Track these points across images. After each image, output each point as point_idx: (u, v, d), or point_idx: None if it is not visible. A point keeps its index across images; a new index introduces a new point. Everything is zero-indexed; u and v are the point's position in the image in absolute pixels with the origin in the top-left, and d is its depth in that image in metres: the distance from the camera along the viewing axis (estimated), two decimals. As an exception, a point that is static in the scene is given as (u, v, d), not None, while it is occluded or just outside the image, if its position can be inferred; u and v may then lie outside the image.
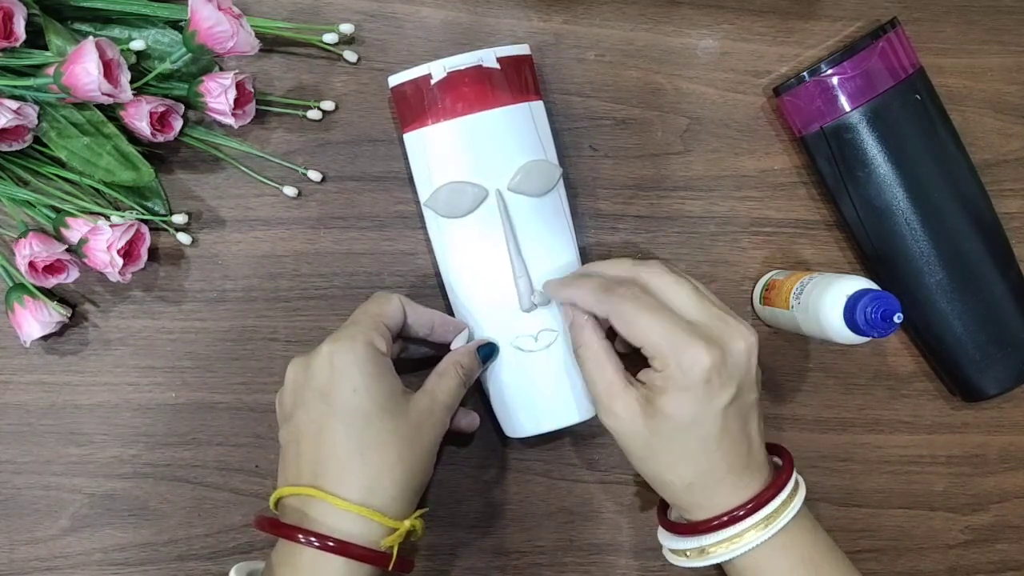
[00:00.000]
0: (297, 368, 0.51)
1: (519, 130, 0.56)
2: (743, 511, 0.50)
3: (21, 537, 0.59)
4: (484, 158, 0.55)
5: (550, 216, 0.57)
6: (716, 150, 0.64)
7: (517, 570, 0.62)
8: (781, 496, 0.51)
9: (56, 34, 0.54)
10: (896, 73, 0.60)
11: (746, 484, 0.51)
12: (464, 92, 0.55)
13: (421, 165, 0.57)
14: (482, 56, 0.55)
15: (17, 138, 0.54)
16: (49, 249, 0.55)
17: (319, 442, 0.49)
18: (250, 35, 0.54)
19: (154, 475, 0.60)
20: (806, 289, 0.57)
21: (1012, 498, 0.67)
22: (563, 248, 0.58)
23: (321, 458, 0.48)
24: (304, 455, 0.49)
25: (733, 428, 0.50)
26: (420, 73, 0.55)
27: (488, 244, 0.56)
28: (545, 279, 0.56)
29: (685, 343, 0.48)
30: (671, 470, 0.51)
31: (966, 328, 0.62)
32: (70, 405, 0.60)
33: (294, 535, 0.47)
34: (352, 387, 0.48)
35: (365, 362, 0.49)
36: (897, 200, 0.60)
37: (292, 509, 0.49)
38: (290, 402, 0.51)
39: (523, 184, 0.55)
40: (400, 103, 0.57)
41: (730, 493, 0.51)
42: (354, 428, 0.48)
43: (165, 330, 0.60)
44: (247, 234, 0.60)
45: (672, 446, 0.50)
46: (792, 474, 0.52)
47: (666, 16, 0.63)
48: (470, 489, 0.62)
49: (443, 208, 0.56)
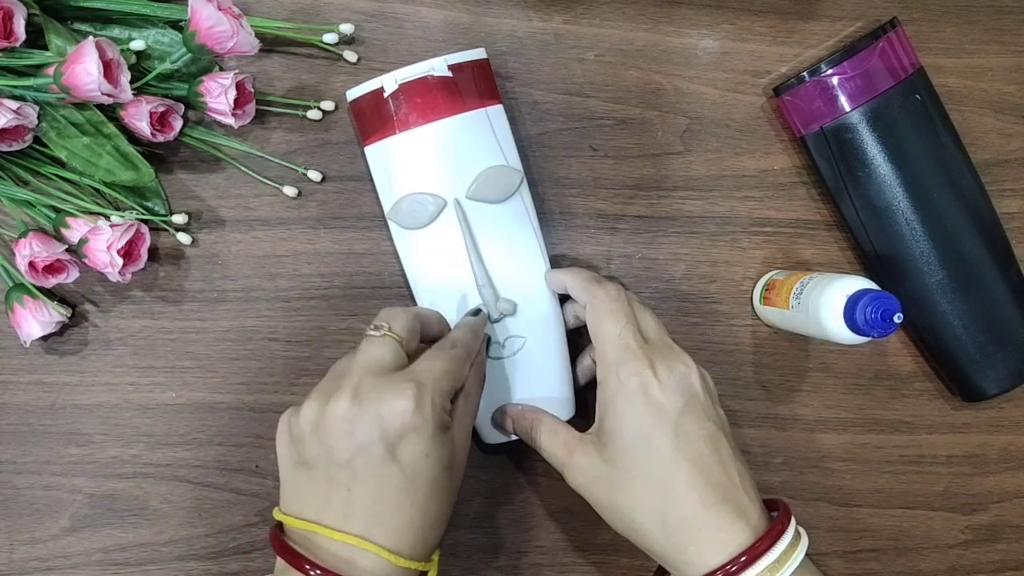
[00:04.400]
0: (355, 410, 0.46)
1: (476, 137, 0.56)
2: (734, 565, 0.46)
3: (21, 537, 0.59)
4: (441, 167, 0.55)
5: (512, 222, 0.57)
6: (716, 150, 0.64)
7: (517, 570, 0.62)
8: (779, 546, 0.46)
9: (56, 34, 0.54)
10: (896, 73, 0.60)
11: (729, 525, 0.47)
12: (417, 103, 0.54)
13: (383, 177, 0.57)
14: (433, 65, 0.54)
15: (17, 138, 0.54)
16: (49, 249, 0.55)
17: (380, 496, 0.46)
18: (250, 35, 0.54)
19: (154, 475, 0.60)
20: (806, 289, 0.57)
21: (1012, 498, 0.67)
22: (528, 253, 0.57)
23: (380, 511, 0.46)
24: (357, 503, 0.46)
25: (694, 449, 0.48)
26: (373, 87, 0.55)
27: (450, 254, 0.56)
28: (511, 285, 0.56)
29: (632, 355, 0.50)
30: (638, 504, 0.49)
31: (966, 328, 0.62)
32: (70, 405, 0.60)
33: (304, 567, 0.45)
34: (424, 452, 0.46)
35: (437, 432, 0.47)
36: (897, 200, 0.60)
37: (313, 543, 0.46)
38: (345, 443, 0.46)
39: (482, 191, 0.55)
40: (359, 117, 0.57)
41: (714, 537, 0.47)
42: (415, 489, 0.46)
43: (165, 330, 0.60)
44: (247, 234, 0.60)
45: (632, 472, 0.49)
46: (790, 523, 0.48)
47: (666, 16, 0.63)
48: (470, 489, 0.62)
49: (405, 220, 0.56)
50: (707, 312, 0.64)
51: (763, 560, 0.46)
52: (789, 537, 0.47)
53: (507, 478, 0.62)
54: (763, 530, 0.48)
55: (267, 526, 0.60)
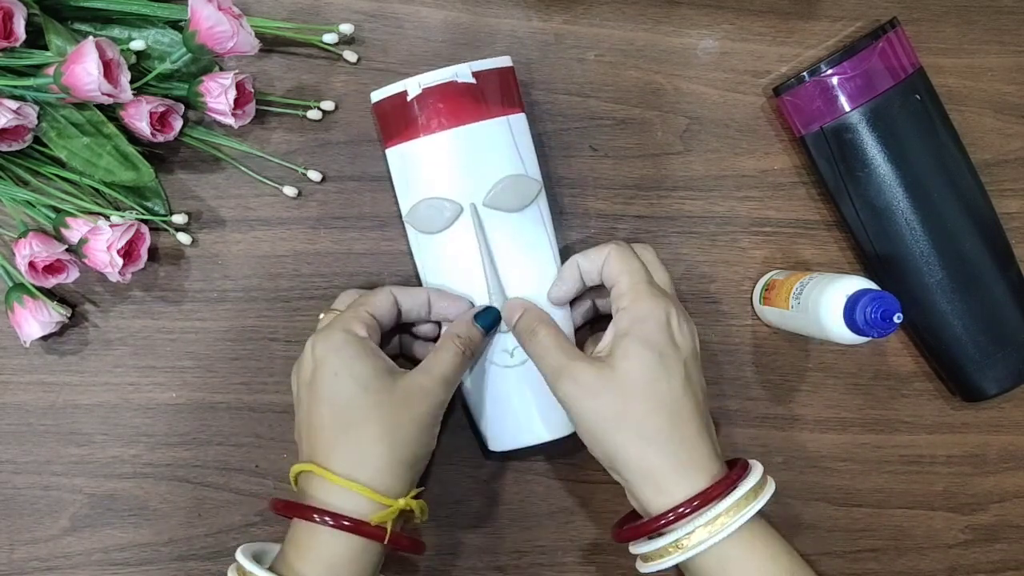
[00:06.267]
0: (293, 371, 0.54)
1: (496, 145, 0.56)
2: (696, 500, 0.48)
3: (21, 537, 0.59)
4: (460, 173, 0.55)
5: (528, 231, 0.57)
6: (716, 150, 0.64)
7: (517, 570, 0.62)
8: (745, 485, 0.49)
9: (56, 34, 0.54)
10: (896, 73, 0.60)
11: (700, 471, 0.50)
12: (439, 108, 0.54)
13: (401, 180, 0.57)
14: (457, 71, 0.54)
15: (17, 138, 0.54)
16: (49, 249, 0.55)
17: (311, 427, 0.51)
18: (250, 35, 0.54)
19: (154, 475, 0.60)
20: (806, 289, 0.57)
21: (1012, 498, 0.67)
22: (542, 264, 0.57)
23: (312, 440, 0.51)
24: (303, 443, 0.52)
25: (694, 391, 0.51)
26: (397, 90, 0.55)
27: (464, 260, 0.56)
28: (523, 294, 0.56)
29: (657, 292, 0.53)
30: (647, 422, 0.50)
31: (966, 328, 0.62)
32: (70, 405, 0.60)
33: (285, 510, 0.50)
34: (332, 371, 0.51)
35: (343, 346, 0.51)
36: (897, 200, 0.60)
37: (299, 490, 0.52)
38: (295, 403, 0.54)
39: (499, 199, 0.55)
40: (381, 119, 0.57)
41: (690, 480, 0.49)
42: (337, 408, 0.50)
43: (165, 330, 0.60)
44: (247, 234, 0.60)
45: (645, 392, 0.50)
46: (749, 465, 0.51)
47: (666, 16, 0.63)
48: (470, 489, 0.62)
49: (421, 224, 0.56)
50: (707, 312, 0.64)
51: (737, 491, 0.49)
52: (759, 475, 0.51)
53: (507, 478, 0.62)
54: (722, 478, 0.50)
55: (267, 526, 0.60)
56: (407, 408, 0.51)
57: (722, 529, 0.48)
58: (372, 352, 0.52)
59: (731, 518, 0.49)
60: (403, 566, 0.62)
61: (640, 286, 0.53)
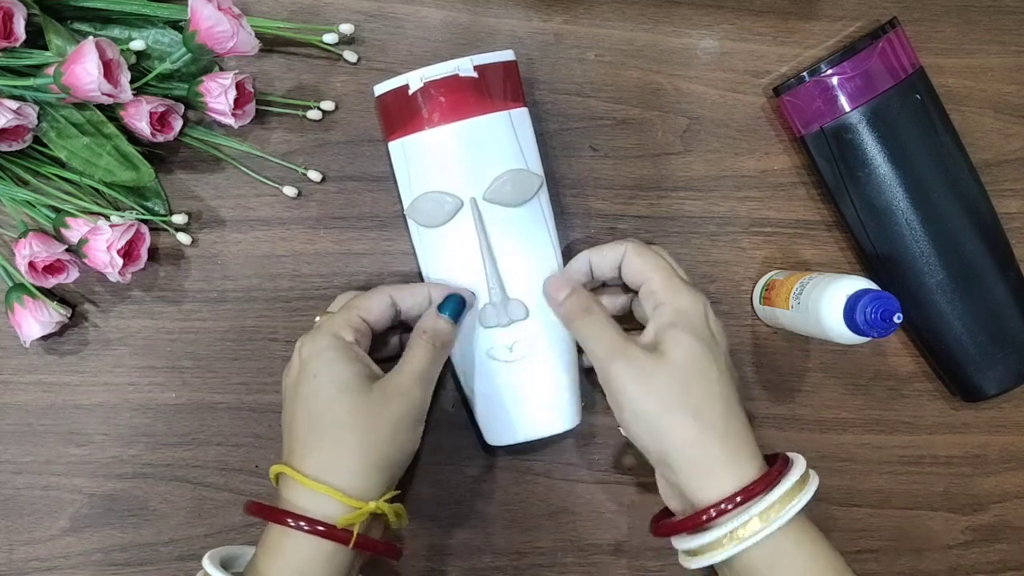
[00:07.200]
0: (284, 371, 0.54)
1: (497, 139, 0.56)
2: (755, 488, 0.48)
3: (21, 537, 0.59)
4: (461, 167, 0.55)
5: (529, 226, 0.57)
6: (716, 150, 0.64)
7: (517, 570, 0.62)
8: (793, 476, 0.49)
9: (56, 34, 0.54)
10: (896, 73, 0.60)
11: (749, 461, 0.49)
12: (441, 102, 0.54)
13: (403, 174, 0.57)
14: (459, 65, 0.54)
15: (17, 138, 0.54)
16: (49, 249, 0.55)
17: (289, 428, 0.52)
18: (250, 35, 0.54)
19: (154, 475, 0.60)
20: (806, 289, 0.57)
21: (1012, 498, 0.67)
22: (542, 259, 0.57)
23: (290, 441, 0.51)
24: (283, 443, 0.52)
25: (733, 383, 0.52)
26: (399, 83, 0.55)
27: (465, 254, 0.56)
28: (523, 289, 0.56)
29: (691, 289, 0.53)
30: (703, 407, 0.50)
31: (966, 328, 0.62)
32: (70, 405, 0.60)
33: (257, 512, 0.50)
34: (313, 374, 0.51)
35: (325, 349, 0.51)
36: (897, 200, 0.60)
37: (278, 492, 0.52)
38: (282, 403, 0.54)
39: (499, 194, 0.55)
40: (383, 112, 0.57)
41: (742, 469, 0.49)
42: (313, 410, 0.50)
43: (165, 330, 0.60)
44: (247, 234, 0.60)
45: (697, 379, 0.50)
46: (790, 458, 0.51)
47: (666, 16, 0.63)
48: (470, 489, 0.62)
49: (422, 217, 0.56)
50: (707, 312, 0.64)
51: (778, 488, 0.49)
52: (801, 468, 0.51)
53: (507, 478, 0.63)
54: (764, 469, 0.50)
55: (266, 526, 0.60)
56: (382, 409, 0.50)
57: (777, 518, 0.48)
58: (355, 356, 0.52)
59: (784, 507, 0.48)
60: (403, 567, 0.62)
61: (674, 281, 0.53)
